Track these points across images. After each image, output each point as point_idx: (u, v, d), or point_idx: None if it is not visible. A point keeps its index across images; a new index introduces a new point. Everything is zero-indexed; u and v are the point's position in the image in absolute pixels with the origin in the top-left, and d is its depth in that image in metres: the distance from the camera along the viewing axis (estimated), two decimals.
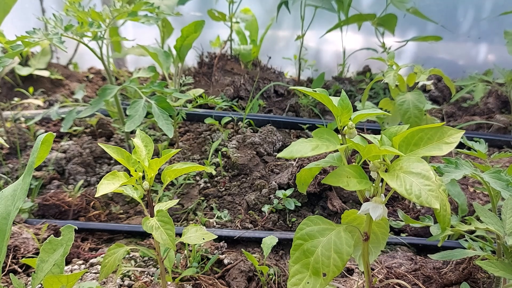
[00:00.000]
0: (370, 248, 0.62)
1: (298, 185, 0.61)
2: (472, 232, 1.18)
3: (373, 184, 0.55)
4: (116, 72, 2.17)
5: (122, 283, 1.05)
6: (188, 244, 1.15)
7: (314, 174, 0.60)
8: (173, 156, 1.36)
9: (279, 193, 1.35)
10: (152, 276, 1.09)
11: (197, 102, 1.56)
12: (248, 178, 1.49)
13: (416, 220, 1.06)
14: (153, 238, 0.80)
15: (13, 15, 1.62)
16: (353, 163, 0.52)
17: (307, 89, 0.53)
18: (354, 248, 0.63)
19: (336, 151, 0.55)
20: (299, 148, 0.49)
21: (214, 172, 1.50)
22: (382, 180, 0.54)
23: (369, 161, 0.53)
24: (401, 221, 1.28)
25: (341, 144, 0.52)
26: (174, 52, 1.57)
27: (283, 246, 1.24)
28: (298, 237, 0.53)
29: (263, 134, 1.69)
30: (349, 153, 0.54)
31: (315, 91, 0.52)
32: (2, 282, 1.03)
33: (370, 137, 0.53)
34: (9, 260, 1.09)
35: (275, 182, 1.41)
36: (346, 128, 0.53)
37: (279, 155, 0.48)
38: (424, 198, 0.45)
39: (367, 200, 0.56)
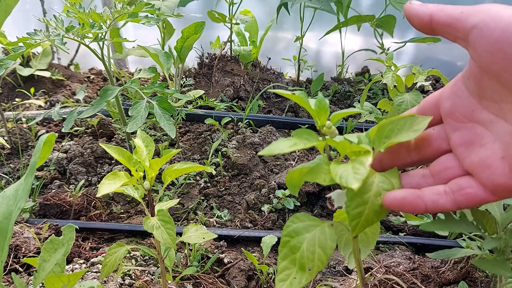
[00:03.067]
0: (360, 247, 0.63)
1: (289, 187, 0.62)
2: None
3: None
4: (117, 73, 2.18)
5: (122, 282, 1.06)
6: (189, 243, 1.16)
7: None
8: (173, 156, 1.37)
9: (279, 193, 1.36)
10: (152, 275, 1.09)
11: (197, 103, 1.57)
12: (247, 178, 1.50)
13: (416, 217, 1.07)
14: (153, 237, 0.81)
15: (14, 16, 1.63)
16: (334, 161, 0.54)
17: (286, 92, 0.54)
18: (343, 246, 0.64)
19: (314, 148, 0.57)
20: (279, 145, 0.51)
21: (214, 172, 1.51)
22: None
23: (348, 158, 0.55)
24: (402, 216, 1.30)
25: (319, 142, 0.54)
26: (174, 53, 1.58)
27: None
28: (286, 234, 0.54)
29: (262, 135, 1.70)
30: (329, 152, 0.55)
31: (294, 93, 0.54)
32: (3, 281, 1.04)
33: (354, 135, 0.55)
34: (10, 259, 1.10)
35: (275, 181, 1.42)
36: (325, 128, 0.55)
37: (260, 153, 0.50)
38: (344, 179, 0.47)
39: None
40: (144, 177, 0.81)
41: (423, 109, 0.56)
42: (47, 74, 2.21)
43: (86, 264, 1.14)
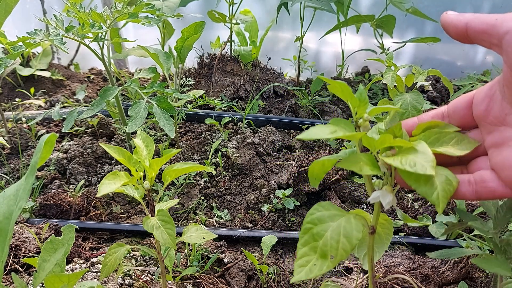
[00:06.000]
0: (374, 248, 0.63)
1: (310, 179, 0.62)
2: (470, 231, 1.19)
3: (384, 174, 0.57)
4: (117, 73, 2.18)
5: (122, 282, 1.06)
6: (189, 243, 1.16)
7: (326, 170, 0.61)
8: (173, 156, 1.37)
9: (279, 193, 1.36)
10: (152, 275, 1.09)
11: (197, 102, 1.57)
12: (247, 178, 1.50)
13: (415, 219, 1.07)
14: (153, 237, 0.81)
15: (14, 16, 1.63)
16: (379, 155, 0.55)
17: (329, 80, 0.54)
18: (357, 247, 0.64)
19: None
20: (318, 131, 0.50)
21: (214, 172, 1.51)
22: (391, 174, 0.56)
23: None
24: (400, 220, 1.29)
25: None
26: (174, 53, 1.57)
27: (283, 245, 1.24)
28: (308, 221, 0.54)
29: (262, 134, 1.70)
30: (361, 145, 0.56)
31: (336, 80, 0.55)
32: (3, 281, 1.04)
33: (374, 129, 0.56)
34: (11, 259, 1.10)
35: (275, 181, 1.42)
36: (361, 120, 0.55)
37: (298, 137, 0.49)
38: (418, 167, 0.47)
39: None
40: (144, 177, 0.81)
41: (454, 108, 0.58)
42: (47, 74, 2.21)
43: (86, 264, 1.14)
